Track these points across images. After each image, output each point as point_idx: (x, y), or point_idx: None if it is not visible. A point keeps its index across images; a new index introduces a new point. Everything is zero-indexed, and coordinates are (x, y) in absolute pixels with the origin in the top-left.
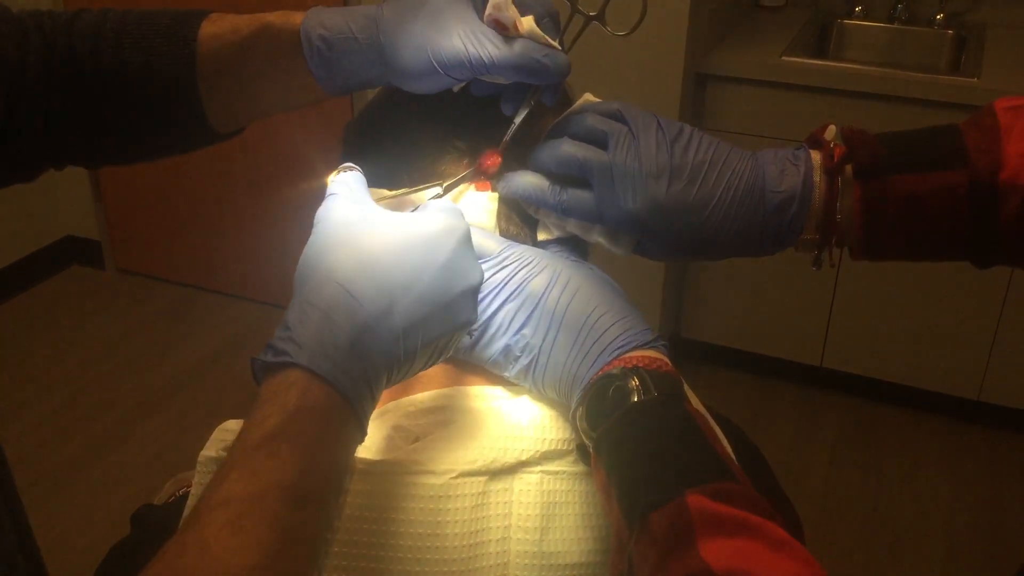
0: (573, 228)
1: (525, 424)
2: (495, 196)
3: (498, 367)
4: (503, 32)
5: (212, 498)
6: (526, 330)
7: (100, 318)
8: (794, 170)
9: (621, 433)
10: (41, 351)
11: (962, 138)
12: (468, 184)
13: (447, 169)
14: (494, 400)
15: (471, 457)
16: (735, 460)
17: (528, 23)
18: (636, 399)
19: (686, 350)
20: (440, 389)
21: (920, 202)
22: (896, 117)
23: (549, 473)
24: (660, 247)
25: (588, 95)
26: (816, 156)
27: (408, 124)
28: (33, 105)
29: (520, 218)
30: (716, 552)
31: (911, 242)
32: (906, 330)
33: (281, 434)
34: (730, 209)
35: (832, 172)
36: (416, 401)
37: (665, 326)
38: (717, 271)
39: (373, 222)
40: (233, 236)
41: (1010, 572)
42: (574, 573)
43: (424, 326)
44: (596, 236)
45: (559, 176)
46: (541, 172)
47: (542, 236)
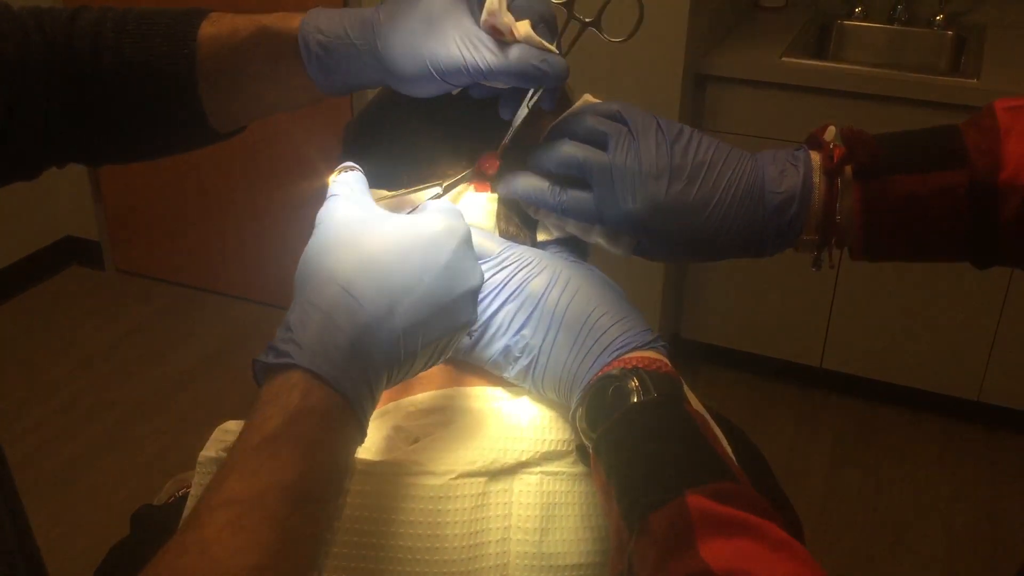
0: (573, 229)
1: (525, 425)
2: (495, 197)
3: (498, 368)
4: (499, 37)
5: (212, 498)
6: (526, 331)
7: (100, 318)
8: (794, 171)
9: (621, 434)
10: (41, 351)
11: (962, 138)
12: (467, 185)
13: (447, 169)
14: (494, 401)
15: (471, 458)
16: (735, 460)
17: (524, 28)
18: (636, 400)
19: (686, 351)
20: (440, 390)
21: (920, 202)
22: (896, 118)
23: (549, 474)
24: (660, 248)
25: (588, 96)
26: (816, 157)
27: (408, 124)
28: (34, 104)
29: (520, 219)
30: (716, 552)
31: (911, 242)
32: (906, 331)
33: (282, 435)
34: (730, 210)
35: (832, 173)
36: (416, 402)
37: (665, 327)
38: (717, 272)
39: (374, 223)
40: (233, 237)
41: (1010, 572)
42: (574, 574)
43: (424, 327)
44: (596, 237)
45: (559, 177)
46: (541, 173)
47: (542, 237)
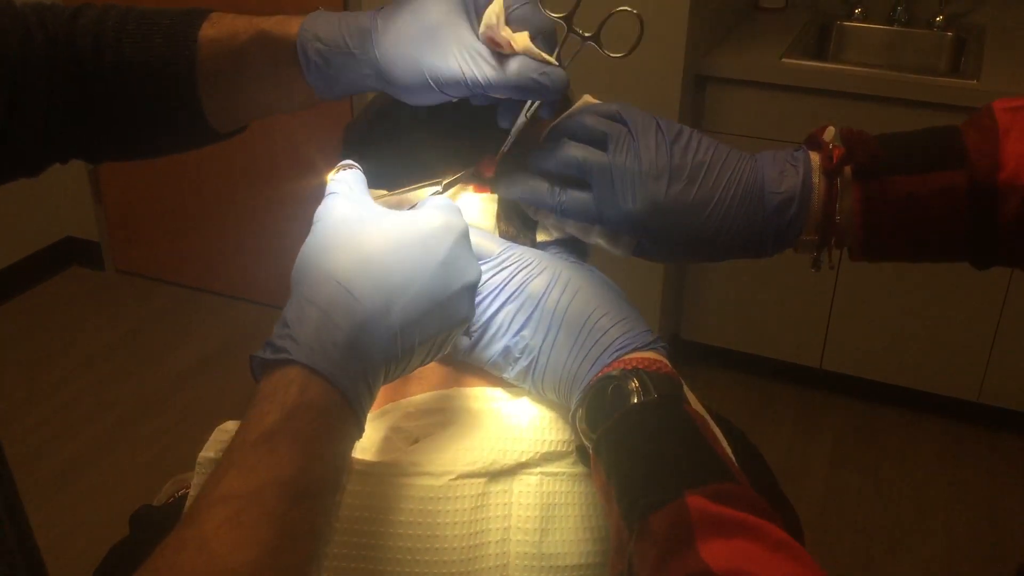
0: (572, 229)
1: (524, 425)
2: (494, 198)
3: (498, 368)
4: (498, 50)
5: (211, 494)
6: (526, 331)
7: (100, 319)
8: (793, 171)
9: (621, 434)
10: (41, 352)
11: (961, 139)
12: (467, 185)
13: (447, 170)
14: (493, 401)
15: (470, 458)
16: (734, 461)
17: (523, 40)
18: (636, 400)
19: (686, 351)
20: (440, 390)
21: (919, 203)
22: (895, 119)
23: (549, 474)
24: (659, 248)
25: (587, 96)
26: (815, 157)
27: (408, 125)
28: (35, 101)
29: (519, 219)
30: (716, 553)
31: (910, 243)
32: (906, 332)
33: (280, 431)
34: (729, 210)
35: (831, 173)
36: (415, 402)
37: (664, 328)
38: (717, 273)
39: (372, 220)
40: (233, 237)
41: (1009, 573)
42: (574, 574)
43: (422, 323)
44: (595, 237)
45: (558, 177)
46: (540, 173)
47: (541, 237)
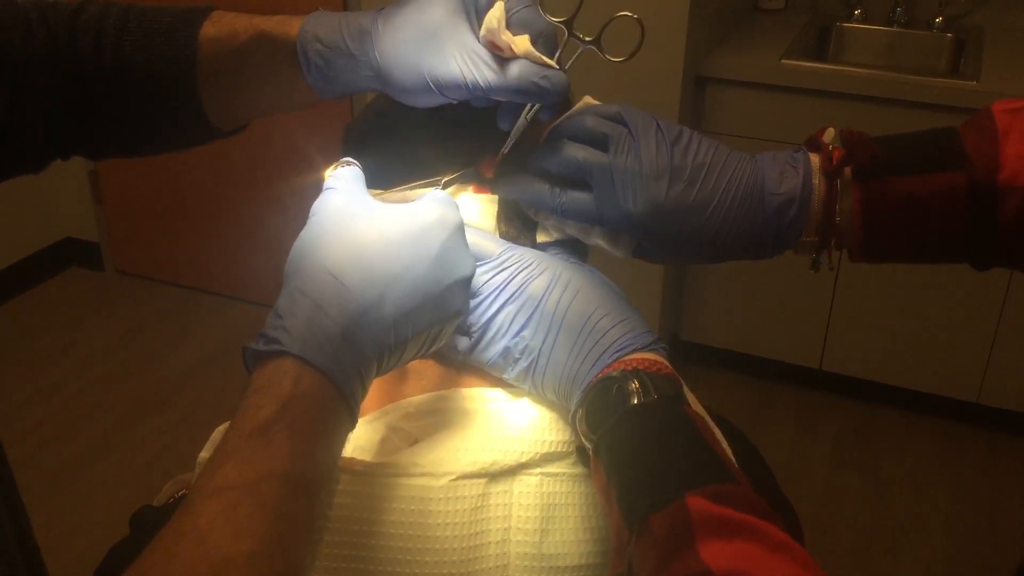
0: (573, 230)
1: (525, 426)
2: (494, 198)
3: (497, 369)
4: (499, 53)
5: (207, 486)
6: (526, 332)
7: (99, 319)
8: (793, 172)
9: (621, 435)
10: (41, 352)
11: (960, 140)
12: (467, 185)
13: (447, 171)
14: (493, 402)
15: (471, 459)
16: (734, 462)
17: (524, 44)
18: (636, 401)
19: (686, 352)
20: (439, 391)
21: (919, 203)
22: (895, 120)
23: (549, 475)
24: (660, 249)
25: (588, 97)
26: (815, 159)
27: (408, 126)
28: (37, 98)
29: (520, 220)
30: (716, 554)
31: (910, 244)
32: (905, 333)
33: (275, 423)
34: (730, 211)
35: (831, 174)
36: (415, 403)
37: (665, 328)
38: (717, 274)
39: (366, 214)
40: (232, 238)
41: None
42: (574, 575)
43: (415, 316)
44: (596, 238)
45: (559, 178)
46: (541, 174)
47: (542, 238)
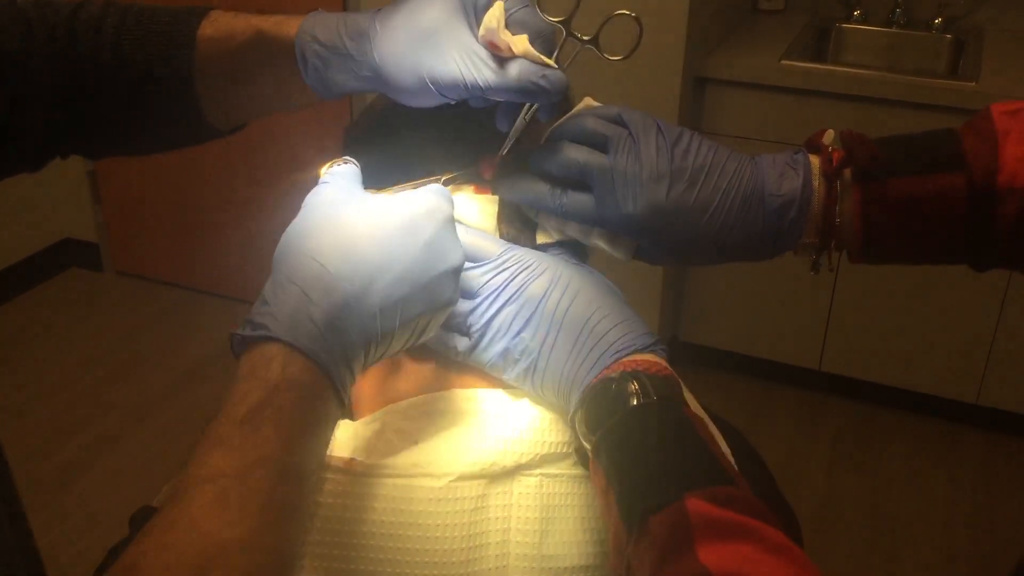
0: (573, 232)
1: (524, 427)
2: (495, 199)
3: (497, 370)
4: (498, 53)
5: (197, 473)
6: (525, 333)
7: (99, 320)
8: (793, 174)
9: (620, 436)
10: (40, 353)
11: (960, 141)
12: (467, 186)
13: (446, 172)
14: (493, 403)
15: (470, 460)
16: (734, 463)
17: (522, 43)
18: (635, 403)
19: (685, 354)
20: (439, 392)
21: (919, 205)
22: (894, 121)
23: (548, 476)
24: (660, 251)
25: (588, 99)
26: (815, 160)
27: (408, 127)
28: (36, 97)
29: (520, 221)
30: (715, 556)
31: (910, 245)
32: (904, 334)
33: (263, 409)
34: (730, 213)
35: (831, 176)
36: (415, 404)
37: (664, 330)
38: (716, 275)
39: (355, 204)
40: (233, 239)
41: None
42: None
43: (403, 305)
44: (596, 240)
45: (559, 179)
46: (541, 175)
47: (542, 239)
